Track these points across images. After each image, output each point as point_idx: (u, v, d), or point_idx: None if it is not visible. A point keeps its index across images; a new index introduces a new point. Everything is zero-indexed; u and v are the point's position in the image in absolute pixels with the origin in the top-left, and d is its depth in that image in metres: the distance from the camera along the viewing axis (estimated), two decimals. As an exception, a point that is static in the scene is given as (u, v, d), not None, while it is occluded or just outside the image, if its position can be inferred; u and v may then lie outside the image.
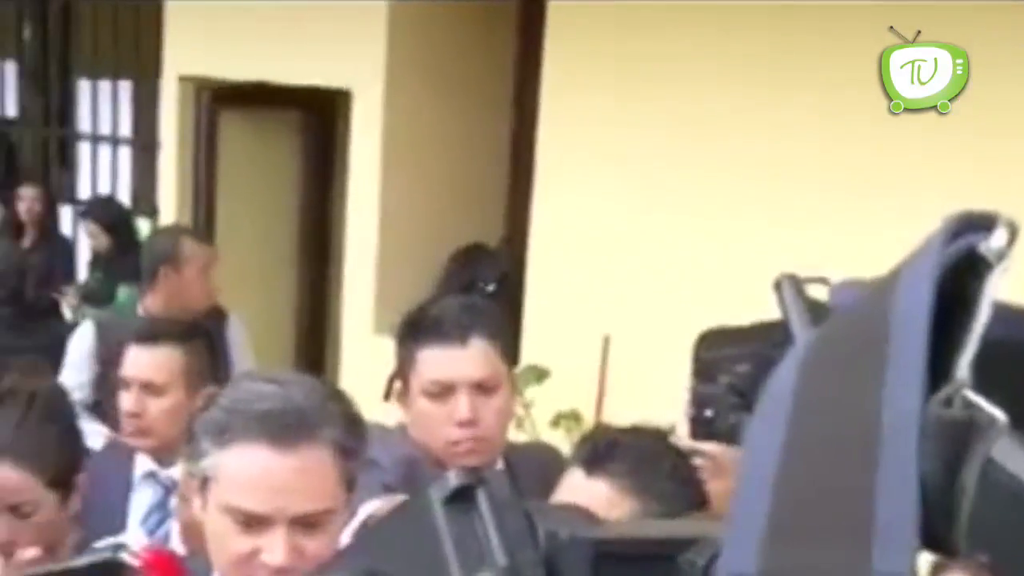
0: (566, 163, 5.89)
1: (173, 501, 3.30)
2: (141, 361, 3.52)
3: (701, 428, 1.32)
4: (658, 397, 4.18)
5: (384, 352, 5.57)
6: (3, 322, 6.07)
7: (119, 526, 3.18)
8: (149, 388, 3.49)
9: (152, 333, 3.62)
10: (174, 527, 3.15)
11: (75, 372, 5.05)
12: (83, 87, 9.29)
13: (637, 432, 2.33)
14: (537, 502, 0.99)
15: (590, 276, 5.86)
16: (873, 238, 4.47)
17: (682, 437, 2.42)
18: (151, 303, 5.15)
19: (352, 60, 6.56)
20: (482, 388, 2.88)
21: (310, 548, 1.96)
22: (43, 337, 6.19)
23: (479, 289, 6.51)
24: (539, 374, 5.57)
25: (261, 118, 7.69)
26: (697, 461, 2.38)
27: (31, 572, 2.19)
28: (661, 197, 5.62)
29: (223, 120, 7.53)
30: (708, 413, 1.27)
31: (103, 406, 4.98)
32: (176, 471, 3.30)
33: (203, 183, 7.55)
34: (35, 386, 2.68)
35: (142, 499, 3.46)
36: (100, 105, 9.16)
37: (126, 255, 7.66)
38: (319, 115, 7.92)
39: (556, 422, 5.73)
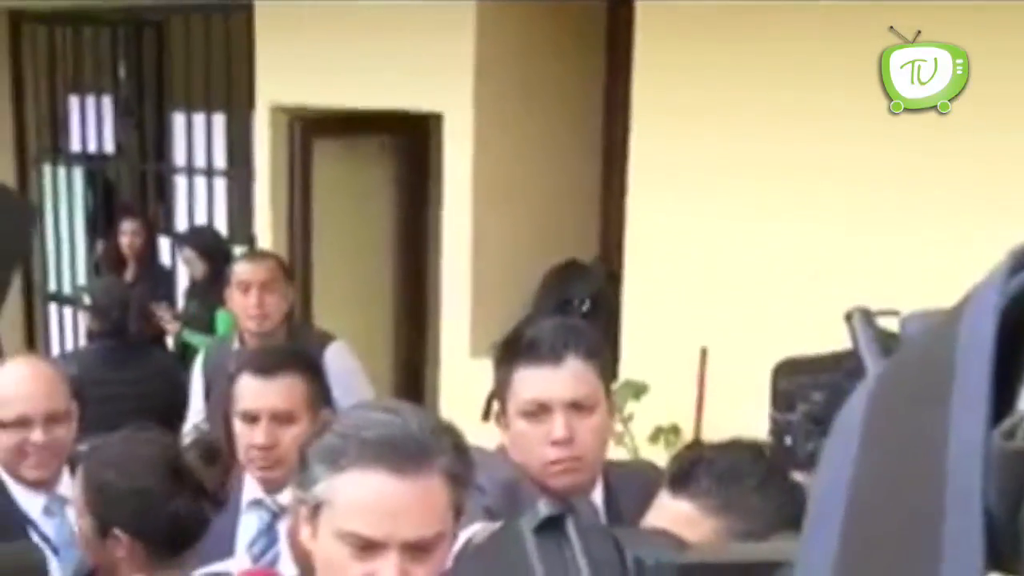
0: (659, 175, 5.90)
1: (280, 527, 3.34)
2: (267, 392, 3.46)
3: (781, 456, 1.35)
4: (757, 409, 4.18)
5: (481, 375, 5.63)
6: (107, 354, 6.17)
7: (227, 551, 3.22)
8: (279, 418, 3.43)
9: (272, 364, 3.55)
10: (283, 552, 3.22)
11: (196, 404, 5.27)
12: (178, 120, 9.45)
13: (729, 447, 2.30)
14: (626, 528, 1.02)
15: (686, 289, 5.87)
16: (976, 243, 4.47)
17: None
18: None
19: (441, 83, 6.62)
20: (578, 407, 2.89)
21: (419, 574, 2.00)
22: (146, 369, 6.32)
23: (574, 306, 6.54)
24: (637, 389, 5.59)
25: (353, 144, 7.79)
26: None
27: None
28: (756, 207, 5.61)
29: (316, 148, 7.63)
30: (787, 441, 1.30)
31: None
32: (284, 497, 3.35)
33: (298, 211, 7.66)
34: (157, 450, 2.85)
35: (249, 525, 3.47)
36: (195, 138, 9.32)
37: (222, 281, 7.81)
38: (411, 139, 8.00)
39: (655, 437, 5.75)
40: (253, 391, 3.48)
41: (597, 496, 3.00)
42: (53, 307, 10.34)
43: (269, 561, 3.25)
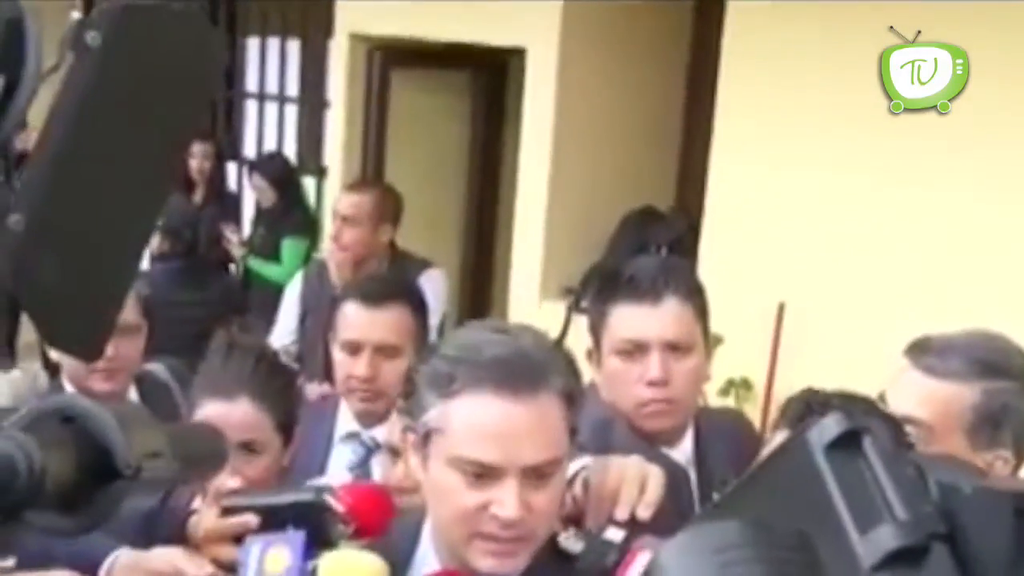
0: (746, 125, 5.87)
1: (374, 463, 3.33)
2: (373, 322, 3.39)
3: None
4: (832, 366, 4.19)
5: (551, 318, 5.66)
6: (177, 275, 6.21)
7: None
8: (383, 351, 3.36)
9: (379, 293, 3.47)
10: (381, 463, 3.20)
11: (286, 323, 5.27)
12: (252, 45, 9.45)
13: (848, 397, 2.28)
14: (916, 454, 0.95)
15: (766, 242, 5.84)
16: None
17: (890, 405, 2.43)
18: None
19: (527, 18, 6.59)
20: (675, 348, 2.81)
21: (538, 502, 1.93)
22: (215, 291, 6.36)
23: (651, 254, 6.51)
24: (712, 341, 5.56)
25: (432, 77, 7.76)
26: (909, 429, 2.37)
27: (234, 502, 2.21)
28: (839, 163, 5.58)
29: (394, 79, 7.61)
30: None
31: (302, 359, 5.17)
32: (379, 432, 3.34)
33: (372, 143, 7.65)
34: (255, 342, 2.84)
35: (341, 458, 3.41)
36: (268, 63, 9.32)
37: (291, 210, 7.83)
38: (491, 74, 7.97)
39: (726, 390, 5.74)
40: (358, 320, 3.40)
41: (687, 441, 2.94)
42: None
43: None
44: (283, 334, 5.20)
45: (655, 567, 0.83)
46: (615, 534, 1.96)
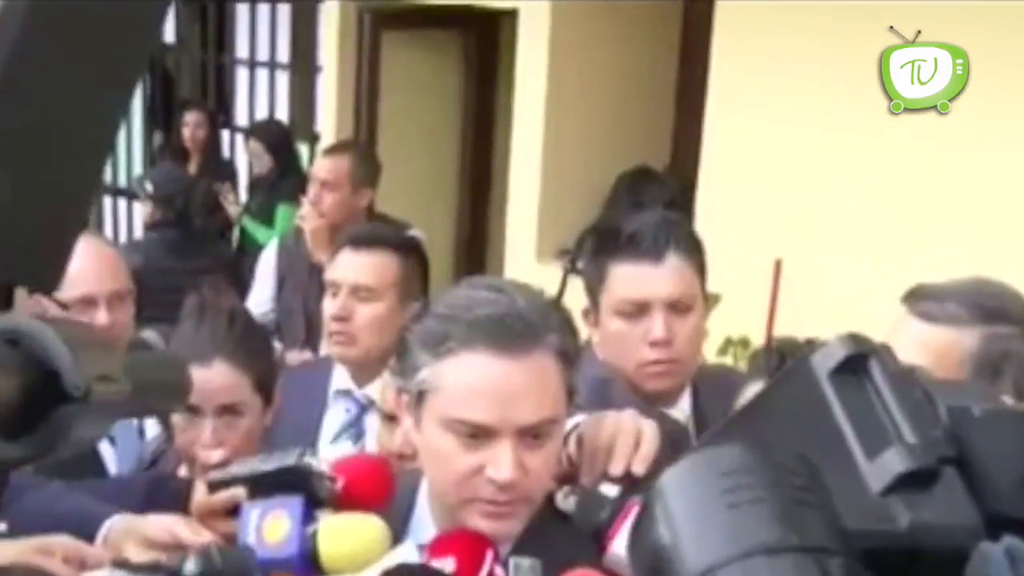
0: (739, 84, 5.86)
1: (368, 420, 3.31)
2: (353, 264, 3.43)
3: None
4: (829, 322, 4.19)
5: (547, 279, 5.64)
6: (171, 244, 6.18)
7: (310, 446, 3.17)
8: (359, 292, 3.39)
9: (369, 237, 3.52)
10: (369, 445, 3.16)
11: (262, 292, 5.24)
12: (241, 11, 9.42)
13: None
14: (925, 378, 0.94)
15: (762, 200, 5.84)
16: None
17: None
18: None
19: (519, -22, 6.57)
20: (677, 307, 2.79)
21: (534, 463, 1.91)
22: (208, 260, 6.33)
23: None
24: (709, 300, 5.57)
25: (424, 39, 7.75)
26: None
27: (219, 476, 2.19)
28: (834, 120, 5.57)
29: (385, 42, 7.59)
30: None
31: (280, 328, 5.16)
32: (373, 389, 3.30)
33: (364, 107, 7.63)
34: (227, 304, 2.77)
35: (335, 417, 3.42)
36: (258, 29, 9.29)
37: (287, 177, 7.81)
38: (483, 36, 7.96)
39: (724, 348, 5.75)
40: (342, 261, 3.45)
41: (685, 400, 2.92)
42: (107, 199, 10.39)
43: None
44: (260, 302, 5.16)
45: (656, 492, 0.82)
46: (609, 489, 1.92)
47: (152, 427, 3.16)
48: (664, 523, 0.80)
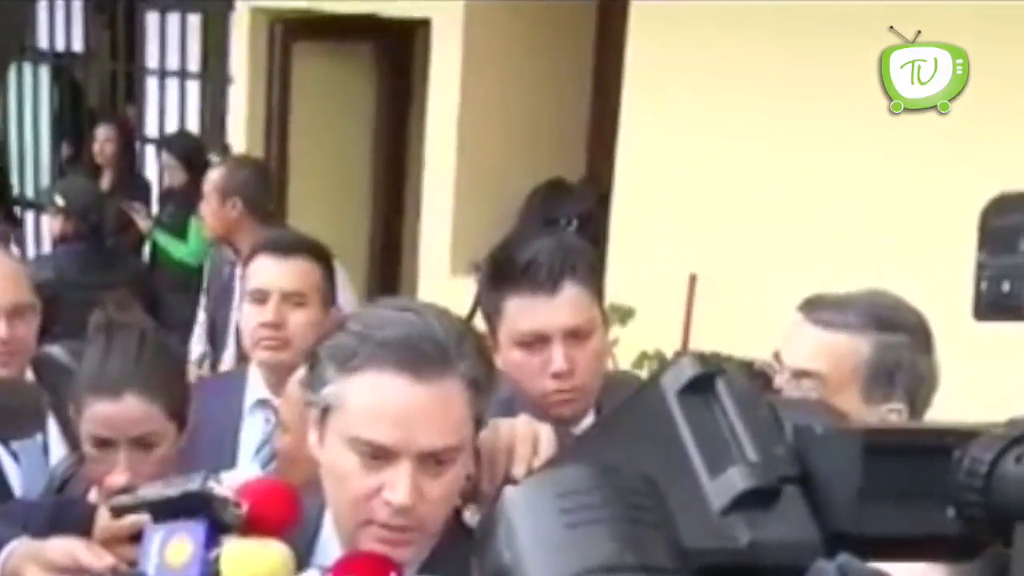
0: (652, 97, 5.89)
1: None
2: (280, 271, 3.44)
3: (991, 306, 1.20)
4: (745, 336, 4.23)
5: (461, 294, 5.66)
6: (83, 258, 6.08)
7: (229, 459, 3.15)
8: (290, 299, 3.40)
9: (288, 245, 3.55)
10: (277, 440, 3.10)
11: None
12: (151, 19, 9.38)
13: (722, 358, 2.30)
14: (773, 396, 0.95)
15: (677, 212, 5.88)
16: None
17: (785, 360, 2.48)
18: None
19: (430, -11, 6.58)
20: (577, 335, 2.79)
21: (433, 491, 1.90)
22: (122, 275, 6.23)
23: (560, 227, 6.53)
24: (623, 314, 5.59)
25: (336, 50, 7.73)
26: (804, 383, 2.41)
27: (122, 502, 2.16)
28: (754, 129, 5.62)
29: (297, 52, 7.58)
30: (1005, 287, 1.16)
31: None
32: None
33: (276, 118, 7.62)
34: (135, 321, 2.70)
35: (254, 429, 3.39)
36: (168, 38, 9.25)
37: (200, 189, 7.77)
38: (395, 47, 7.96)
39: (639, 362, 5.78)
40: (266, 270, 3.45)
41: (590, 417, 2.90)
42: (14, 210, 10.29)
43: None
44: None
45: (499, 510, 0.83)
46: None
47: (56, 442, 3.12)
48: (506, 543, 0.82)
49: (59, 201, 6.27)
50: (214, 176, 5.47)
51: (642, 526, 0.80)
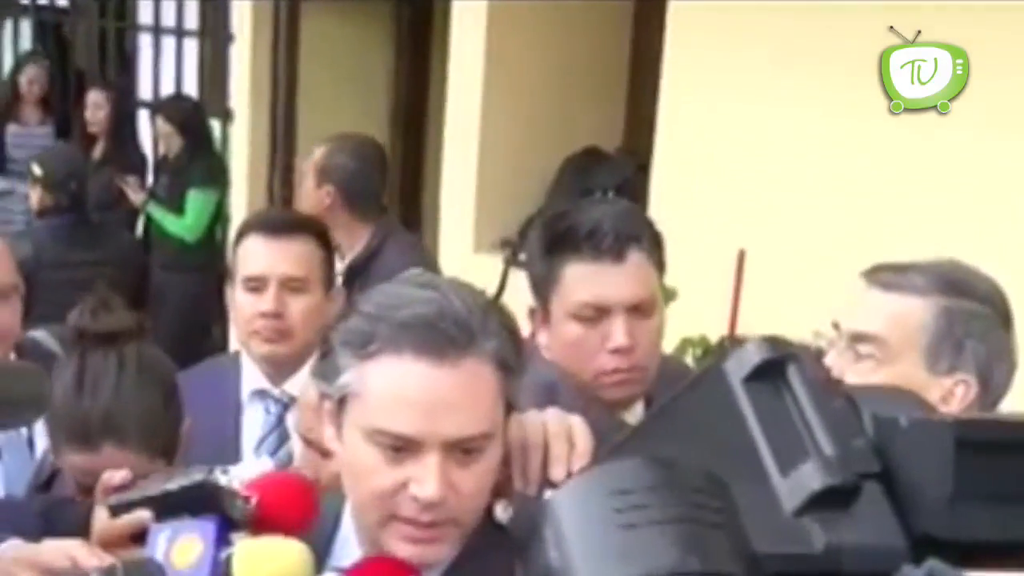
0: (696, 61, 5.87)
1: (290, 419, 3.24)
2: (277, 254, 3.35)
3: None
4: (797, 317, 4.22)
5: (485, 272, 5.66)
6: (64, 232, 6.06)
7: (232, 453, 3.12)
8: (290, 284, 3.34)
9: (284, 224, 3.46)
10: (295, 448, 3.10)
11: None
12: (145, -29, 9.40)
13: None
14: (851, 384, 0.93)
15: (723, 184, 5.84)
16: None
17: (843, 326, 2.49)
18: None
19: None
20: (639, 311, 2.78)
21: (465, 482, 1.89)
22: (108, 250, 6.22)
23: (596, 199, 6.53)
24: (666, 294, 5.56)
25: (349, 7, 7.73)
26: (862, 348, 2.42)
27: (121, 500, 2.17)
28: (803, 101, 5.60)
29: (305, 9, 7.58)
30: None
31: None
32: (292, 385, 3.29)
33: (282, 81, 7.62)
34: (116, 326, 2.58)
35: (254, 420, 3.39)
36: (164, -8, 9.28)
37: (198, 158, 7.77)
38: (415, 6, 7.94)
39: (682, 349, 5.75)
40: (261, 253, 3.37)
41: (639, 405, 2.91)
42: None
43: (283, 461, 3.16)
44: None
45: (546, 513, 0.82)
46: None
47: (41, 436, 3.12)
48: (554, 546, 0.81)
49: (36, 170, 6.20)
50: (316, 153, 5.34)
51: (706, 528, 0.79)
